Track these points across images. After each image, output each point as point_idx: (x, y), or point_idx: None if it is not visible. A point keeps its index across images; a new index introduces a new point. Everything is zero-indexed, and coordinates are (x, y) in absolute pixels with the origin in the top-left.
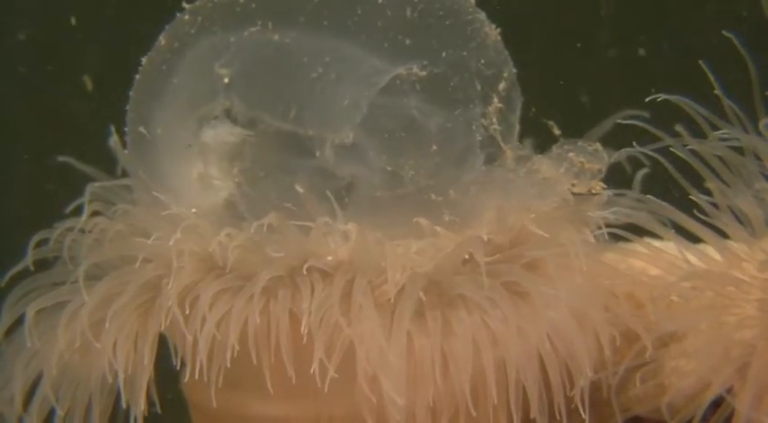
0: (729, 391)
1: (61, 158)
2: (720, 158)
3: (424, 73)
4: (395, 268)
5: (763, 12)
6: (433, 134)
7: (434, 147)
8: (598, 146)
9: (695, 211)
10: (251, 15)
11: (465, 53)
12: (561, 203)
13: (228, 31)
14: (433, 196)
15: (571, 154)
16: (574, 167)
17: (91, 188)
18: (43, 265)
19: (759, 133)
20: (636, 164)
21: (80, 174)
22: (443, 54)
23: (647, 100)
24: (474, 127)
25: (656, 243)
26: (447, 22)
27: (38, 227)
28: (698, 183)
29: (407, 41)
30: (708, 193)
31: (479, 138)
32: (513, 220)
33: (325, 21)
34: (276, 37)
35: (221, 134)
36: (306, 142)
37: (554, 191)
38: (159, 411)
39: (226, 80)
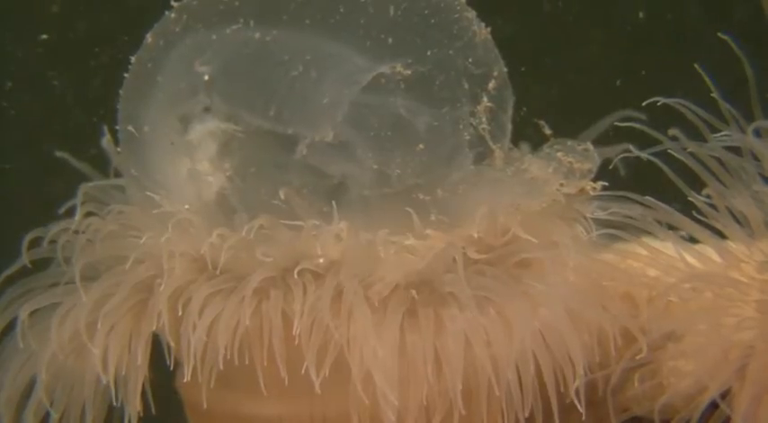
0: (727, 392)
1: (58, 154)
2: (719, 160)
3: (408, 71)
4: (387, 267)
5: (760, 12)
6: (419, 133)
7: (421, 145)
8: (588, 145)
9: (694, 213)
10: (234, 13)
11: (451, 52)
12: (551, 203)
13: (212, 29)
14: (421, 196)
15: (560, 154)
16: (562, 167)
17: (84, 188)
18: (38, 266)
19: (757, 134)
20: (632, 165)
21: (76, 173)
22: (428, 53)
23: (644, 104)
24: (461, 126)
25: (655, 243)
26: (432, 21)
27: (34, 226)
28: (696, 184)
29: (390, 40)
30: (707, 195)
31: (467, 137)
32: (503, 220)
33: (307, 19)
34: (257, 35)
35: (209, 130)
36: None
37: (542, 191)
38: (155, 412)
39: (206, 77)
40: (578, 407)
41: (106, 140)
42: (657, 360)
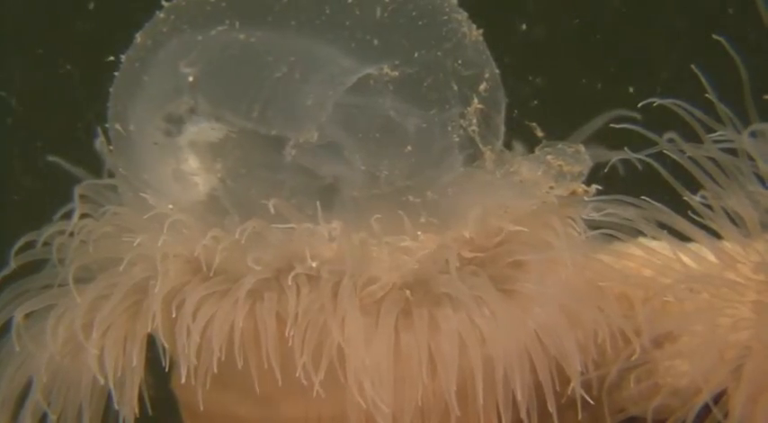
0: (723, 393)
1: (50, 158)
2: (714, 160)
3: (395, 73)
4: (381, 268)
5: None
6: (407, 135)
7: (409, 147)
8: (580, 148)
9: (690, 213)
10: (220, 14)
11: (439, 53)
12: (541, 205)
13: (197, 30)
14: (411, 197)
15: (549, 157)
16: (552, 170)
17: (78, 190)
18: (35, 268)
19: (752, 135)
20: (627, 166)
21: (71, 176)
22: (415, 54)
23: (639, 105)
24: (450, 128)
25: (651, 244)
26: (419, 23)
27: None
28: (691, 184)
29: (376, 41)
30: (702, 195)
31: (457, 139)
32: (493, 222)
33: (292, 21)
34: (242, 36)
35: (199, 131)
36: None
37: (531, 193)
38: (151, 413)
39: (190, 78)
40: (577, 405)
41: (99, 142)
42: (654, 360)
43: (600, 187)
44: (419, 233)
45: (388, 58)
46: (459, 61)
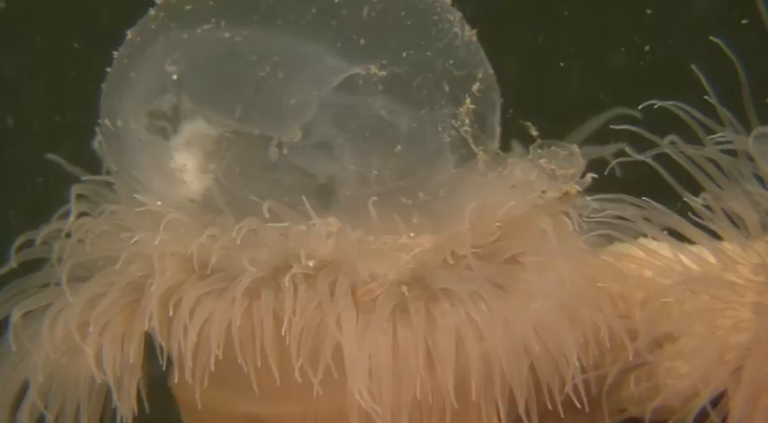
0: (723, 394)
1: (50, 157)
2: (714, 161)
3: (383, 73)
4: (378, 265)
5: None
6: (397, 134)
7: (399, 147)
8: (574, 149)
9: (690, 214)
10: (207, 13)
11: (429, 53)
12: (533, 208)
13: (184, 28)
14: (403, 199)
15: (542, 160)
16: (545, 174)
17: (76, 188)
18: (34, 267)
19: (754, 137)
20: (627, 167)
21: (71, 175)
22: (404, 54)
23: (640, 107)
24: (441, 128)
25: (651, 245)
26: (408, 22)
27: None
28: (691, 185)
29: (362, 41)
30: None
31: (448, 139)
32: (486, 223)
33: (278, 20)
34: (227, 35)
35: (192, 130)
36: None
37: (524, 197)
38: (150, 411)
39: (174, 76)
40: (576, 404)
41: (98, 141)
42: (653, 361)
43: (595, 175)
44: (411, 234)
45: (376, 58)
46: (451, 61)
